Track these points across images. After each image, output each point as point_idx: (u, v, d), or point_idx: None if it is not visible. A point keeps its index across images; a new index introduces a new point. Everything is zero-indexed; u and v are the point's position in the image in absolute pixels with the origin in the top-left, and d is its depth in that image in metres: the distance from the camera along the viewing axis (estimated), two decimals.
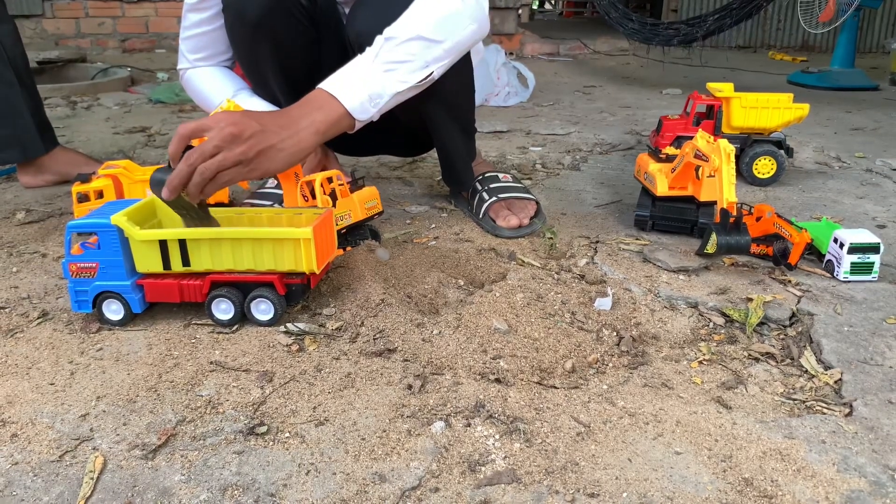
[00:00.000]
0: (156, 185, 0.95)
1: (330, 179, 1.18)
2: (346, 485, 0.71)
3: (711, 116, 1.76)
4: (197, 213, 0.99)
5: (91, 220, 1.00)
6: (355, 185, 1.23)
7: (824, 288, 1.14)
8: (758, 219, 1.24)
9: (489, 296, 1.08)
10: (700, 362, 0.95)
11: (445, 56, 1.13)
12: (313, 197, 1.16)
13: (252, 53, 1.32)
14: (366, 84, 1.06)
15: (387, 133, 1.51)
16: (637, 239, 1.35)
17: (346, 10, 1.37)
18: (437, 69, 1.12)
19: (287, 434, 0.79)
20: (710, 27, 3.51)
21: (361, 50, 1.15)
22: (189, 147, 0.94)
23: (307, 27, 1.31)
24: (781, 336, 1.02)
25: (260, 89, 1.38)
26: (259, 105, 1.33)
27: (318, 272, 1.00)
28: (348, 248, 1.20)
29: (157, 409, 0.83)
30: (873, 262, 1.16)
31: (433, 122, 1.37)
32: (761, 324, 1.04)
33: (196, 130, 0.93)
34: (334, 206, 1.16)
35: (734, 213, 1.16)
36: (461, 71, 1.31)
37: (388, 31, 1.08)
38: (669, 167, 1.34)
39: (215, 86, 1.37)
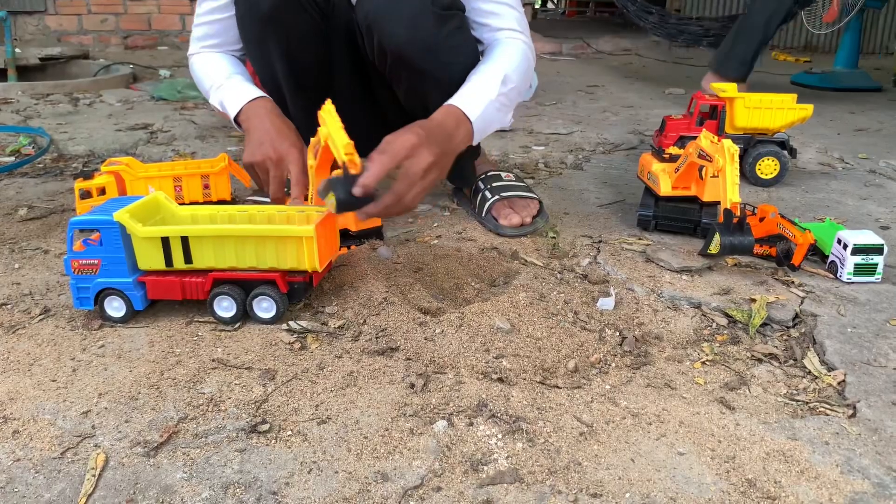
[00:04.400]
0: (344, 205, 0.99)
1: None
2: (349, 483, 0.71)
3: (715, 116, 1.76)
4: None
5: (93, 217, 1.00)
6: None
7: (827, 289, 1.14)
8: (761, 219, 1.24)
9: (492, 295, 1.07)
10: (703, 363, 0.95)
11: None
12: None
13: (262, 45, 1.31)
14: (488, 114, 1.17)
15: (391, 131, 1.51)
16: (640, 239, 1.35)
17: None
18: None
19: (289, 432, 0.79)
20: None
21: (370, 32, 1.19)
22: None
23: (318, 21, 1.31)
24: (784, 337, 1.02)
25: (266, 79, 1.37)
26: (252, 91, 1.30)
27: (320, 270, 1.00)
28: (352, 247, 1.20)
29: (158, 407, 0.83)
30: (877, 264, 1.16)
31: None
32: (764, 324, 1.04)
33: (403, 158, 1.03)
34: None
35: (738, 214, 1.16)
36: (466, 69, 1.31)
37: (507, 71, 1.20)
38: (673, 167, 1.34)
39: (213, 69, 1.36)
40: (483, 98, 1.17)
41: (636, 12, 3.64)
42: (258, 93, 1.29)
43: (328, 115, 1.04)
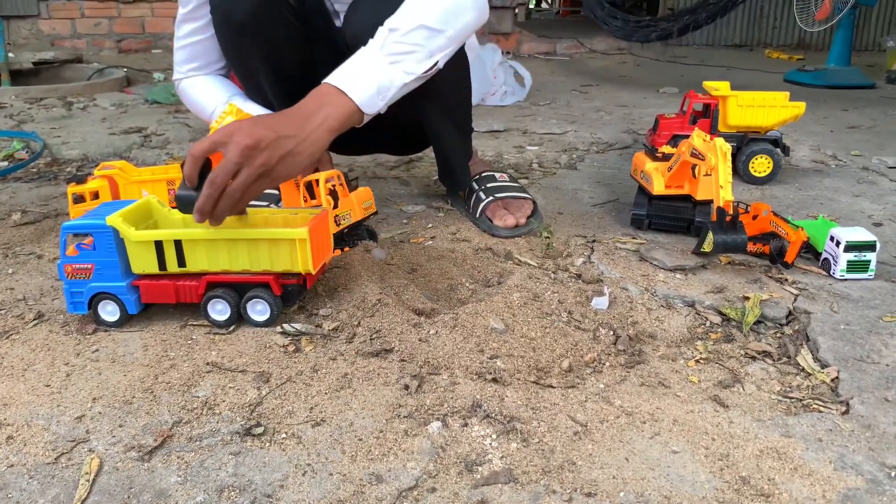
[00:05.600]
0: (184, 206, 0.93)
1: (330, 179, 1.18)
2: (343, 485, 0.71)
3: (708, 115, 1.76)
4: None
5: (86, 221, 0.99)
6: (350, 185, 1.23)
7: (821, 286, 1.14)
8: (754, 217, 1.24)
9: (486, 295, 1.08)
10: (697, 361, 0.95)
11: (448, 44, 1.12)
12: (312, 197, 1.16)
13: (241, 54, 1.31)
14: (373, 77, 1.04)
15: (382, 132, 1.51)
16: (634, 238, 1.35)
17: (335, 7, 1.37)
18: (442, 58, 1.12)
19: (284, 435, 0.79)
20: (685, 22, 3.53)
21: (355, 46, 1.15)
22: (205, 164, 0.93)
23: (296, 26, 1.30)
24: (778, 334, 1.02)
25: (251, 91, 1.37)
26: (254, 109, 1.32)
27: (313, 272, 1.00)
28: (346, 249, 1.20)
29: (153, 411, 0.83)
30: (870, 260, 1.16)
31: (429, 120, 1.37)
32: (758, 322, 1.05)
33: (210, 148, 0.92)
34: (336, 206, 1.16)
35: (731, 212, 1.16)
36: (457, 69, 1.31)
37: (390, 22, 1.07)
38: (666, 166, 1.34)
39: (209, 93, 1.37)
40: (358, 64, 1.06)
41: (602, 17, 3.85)
42: (261, 110, 1.30)
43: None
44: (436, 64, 1.11)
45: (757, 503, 0.69)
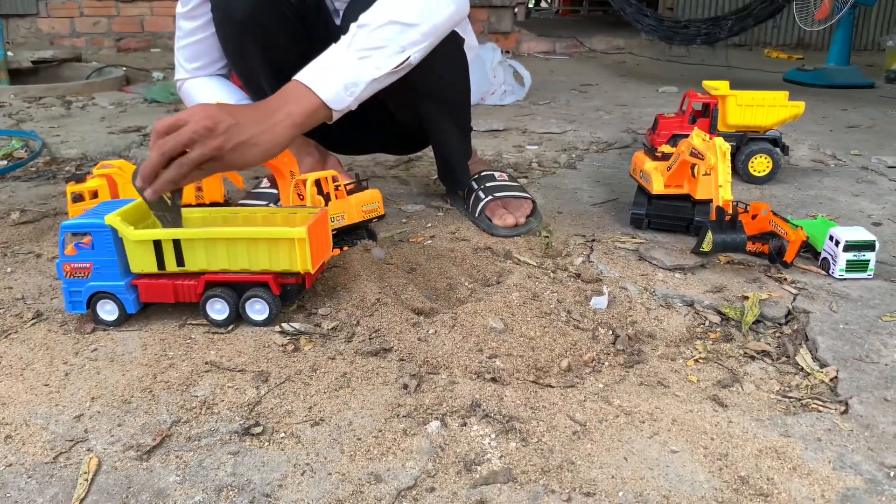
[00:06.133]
0: (135, 177, 0.95)
1: (322, 180, 1.17)
2: (342, 485, 0.71)
3: (707, 114, 1.76)
4: (172, 216, 0.99)
5: (85, 221, 0.99)
6: (359, 186, 1.23)
7: (820, 286, 1.14)
8: (753, 217, 1.24)
9: (485, 295, 1.08)
10: (696, 360, 0.95)
11: (423, 40, 1.10)
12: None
13: (241, 52, 1.31)
14: (341, 73, 1.03)
15: (382, 131, 1.51)
16: (633, 237, 1.35)
17: (336, 5, 1.37)
18: (415, 53, 1.09)
19: (282, 434, 0.79)
20: (732, 27, 3.51)
21: None
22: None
23: (296, 24, 1.30)
24: (777, 334, 1.02)
25: (250, 89, 1.37)
26: None
27: (312, 272, 1.00)
28: (345, 248, 1.20)
29: (151, 410, 0.83)
30: (869, 260, 1.16)
31: (429, 120, 1.37)
32: (757, 322, 1.04)
33: (172, 125, 0.92)
34: (326, 206, 1.15)
35: (730, 212, 1.16)
36: (457, 68, 1.31)
37: (361, 17, 1.06)
38: (665, 165, 1.34)
39: (209, 95, 1.36)
40: (326, 61, 1.05)
41: (633, 14, 3.77)
42: None
43: None
44: (407, 59, 1.08)
45: (756, 503, 0.69)
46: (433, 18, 1.09)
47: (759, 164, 1.71)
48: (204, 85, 1.39)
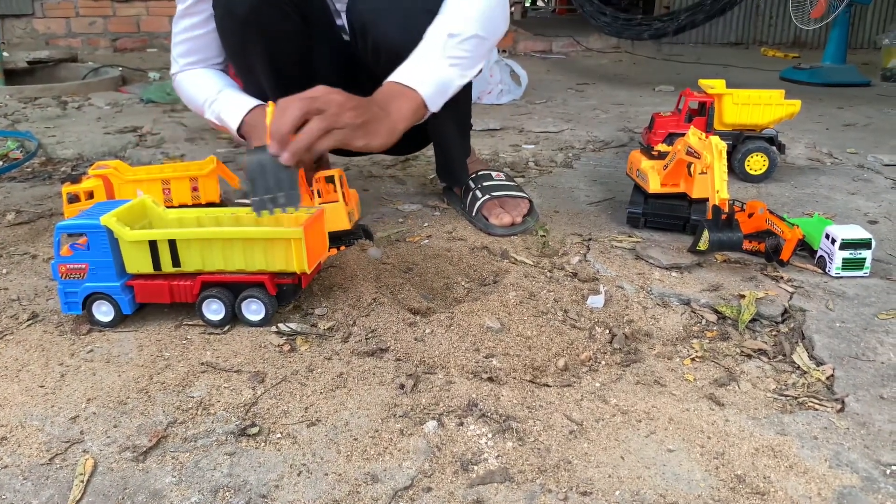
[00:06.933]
0: (257, 163, 0.96)
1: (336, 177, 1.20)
2: (339, 485, 0.71)
3: (703, 113, 1.76)
4: (287, 196, 0.98)
5: (80, 221, 0.99)
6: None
7: (816, 284, 1.15)
8: (750, 215, 1.24)
9: (482, 294, 1.07)
10: (692, 359, 0.95)
11: (489, 52, 1.22)
12: (319, 196, 1.18)
13: (242, 48, 1.31)
14: (437, 76, 1.11)
15: None
16: (629, 236, 1.35)
17: (336, 6, 1.37)
18: (482, 64, 1.21)
19: (279, 435, 0.79)
20: (681, 22, 3.54)
21: (363, 32, 1.20)
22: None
23: (297, 22, 1.30)
24: (774, 332, 1.02)
25: (249, 86, 1.37)
26: (249, 101, 1.31)
27: (308, 272, 0.99)
28: (341, 248, 1.20)
29: (147, 411, 0.83)
30: (865, 258, 1.16)
31: (432, 116, 1.37)
32: (753, 320, 1.05)
33: (302, 96, 0.95)
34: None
35: (726, 210, 1.16)
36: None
37: (449, 27, 1.13)
38: (661, 164, 1.34)
39: (203, 85, 1.36)
40: (421, 64, 1.11)
41: (591, 12, 3.90)
42: (254, 101, 1.29)
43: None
44: (480, 70, 1.20)
45: (752, 501, 0.69)
46: (498, 34, 1.21)
47: (756, 163, 1.71)
48: (200, 76, 1.38)
